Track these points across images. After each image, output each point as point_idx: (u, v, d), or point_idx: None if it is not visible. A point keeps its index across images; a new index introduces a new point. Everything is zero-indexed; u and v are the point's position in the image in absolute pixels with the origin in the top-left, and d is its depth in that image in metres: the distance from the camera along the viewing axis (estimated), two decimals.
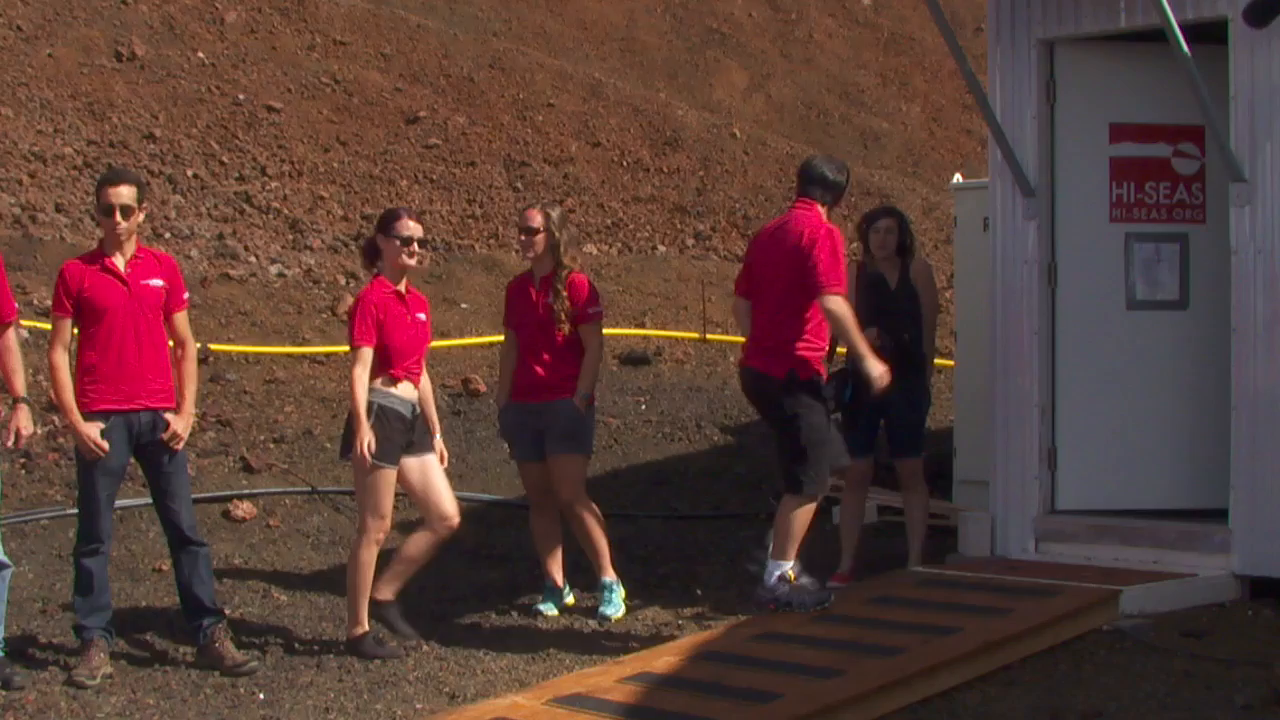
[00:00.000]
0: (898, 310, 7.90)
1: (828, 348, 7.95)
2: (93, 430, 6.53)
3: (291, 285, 13.03)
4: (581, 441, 7.56)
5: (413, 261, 7.00)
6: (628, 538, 9.06)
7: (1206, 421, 7.69)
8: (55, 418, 10.13)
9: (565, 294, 7.44)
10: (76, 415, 6.58)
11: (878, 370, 6.70)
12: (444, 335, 12.71)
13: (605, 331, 13.60)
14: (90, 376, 6.64)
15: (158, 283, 6.73)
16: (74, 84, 15.01)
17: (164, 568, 8.23)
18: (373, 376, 6.87)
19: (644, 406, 11.60)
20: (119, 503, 9.01)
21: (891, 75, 20.76)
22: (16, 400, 6.53)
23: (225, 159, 14.80)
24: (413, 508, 7.96)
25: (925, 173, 18.80)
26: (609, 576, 7.58)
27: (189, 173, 14.37)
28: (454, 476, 10.04)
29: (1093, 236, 7.89)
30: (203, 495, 9.22)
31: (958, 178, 10.33)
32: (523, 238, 7.60)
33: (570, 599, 7.72)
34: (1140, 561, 7.44)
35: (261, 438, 10.23)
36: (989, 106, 8.01)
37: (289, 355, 11.73)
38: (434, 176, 15.56)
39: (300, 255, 13.66)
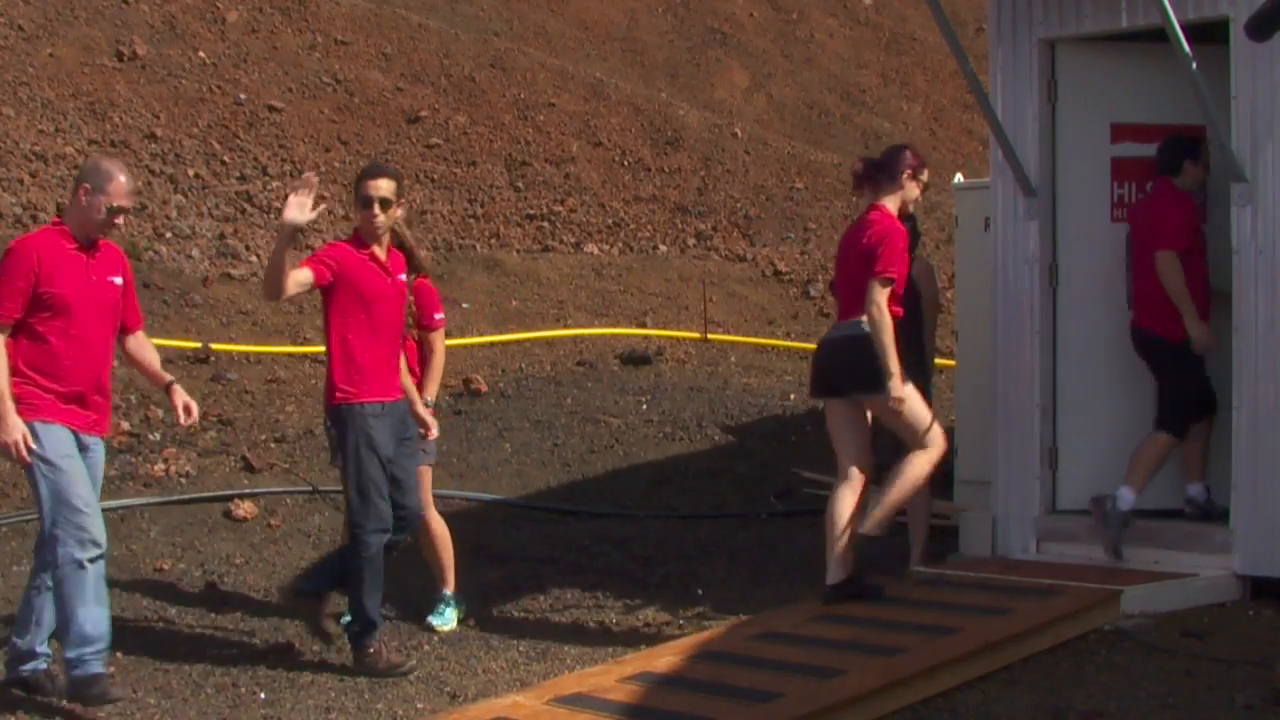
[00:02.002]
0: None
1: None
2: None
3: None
4: (431, 451, 7.44)
5: None
6: (628, 538, 9.06)
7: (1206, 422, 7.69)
8: None
9: (411, 298, 7.29)
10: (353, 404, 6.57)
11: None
12: (444, 335, 12.71)
13: (607, 331, 13.73)
14: (355, 366, 6.61)
15: (403, 277, 6.86)
16: (75, 83, 15.01)
17: (164, 567, 8.23)
18: None
19: (645, 406, 11.60)
20: (118, 503, 9.04)
21: (893, 75, 20.75)
22: (169, 384, 6.55)
23: (226, 158, 14.80)
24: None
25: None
26: (447, 590, 7.48)
27: (190, 172, 14.37)
28: (454, 476, 10.09)
29: (1094, 236, 7.88)
30: (204, 495, 9.23)
31: (959, 177, 10.32)
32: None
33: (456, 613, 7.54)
34: (1141, 561, 7.43)
35: (263, 437, 10.24)
36: (990, 106, 8.01)
37: (290, 355, 11.73)
38: (435, 176, 15.56)
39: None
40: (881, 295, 6.89)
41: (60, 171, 13.70)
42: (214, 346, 11.49)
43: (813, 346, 13.26)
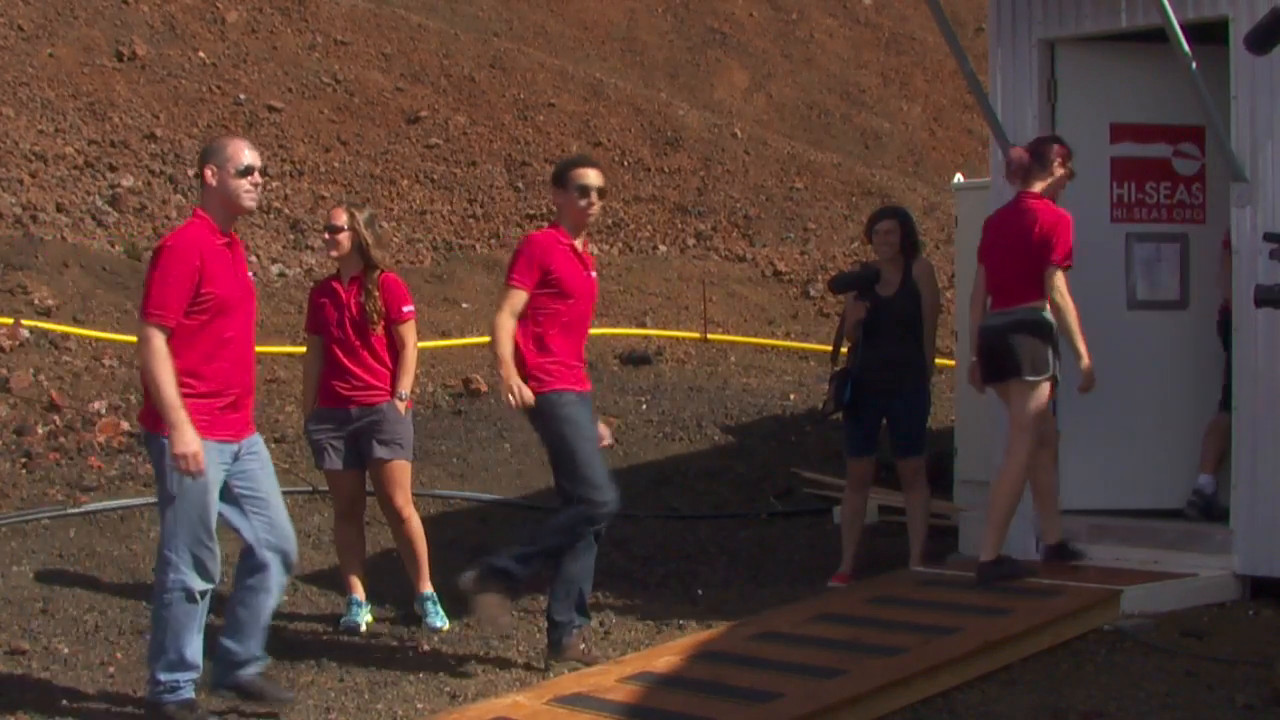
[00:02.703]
0: (898, 312, 7.90)
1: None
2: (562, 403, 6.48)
3: (292, 285, 13.03)
4: (408, 446, 7.43)
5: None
6: (628, 538, 9.05)
7: (1206, 422, 7.69)
8: (56, 417, 10.15)
9: (377, 294, 7.30)
10: (524, 388, 6.44)
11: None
12: (445, 335, 12.71)
13: (607, 331, 13.72)
14: (550, 355, 6.54)
15: (594, 274, 6.81)
16: (75, 83, 15.02)
17: None
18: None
19: (645, 406, 11.60)
20: (118, 503, 9.04)
21: (892, 75, 20.76)
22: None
23: None
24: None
25: (926, 172, 18.80)
26: (429, 589, 7.44)
27: (190, 172, 14.37)
28: (454, 476, 10.09)
29: (1093, 236, 7.87)
30: None
31: (959, 177, 10.32)
32: (326, 236, 7.36)
33: (370, 616, 7.49)
34: (1140, 561, 7.44)
35: (262, 437, 10.23)
36: (990, 106, 8.01)
37: (289, 355, 11.73)
38: (435, 176, 15.56)
39: (301, 255, 13.67)
40: (1064, 281, 7.11)
41: (60, 171, 13.71)
42: None
43: (813, 346, 13.32)
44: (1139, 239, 7.94)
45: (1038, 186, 7.32)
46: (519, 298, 6.52)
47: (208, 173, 5.85)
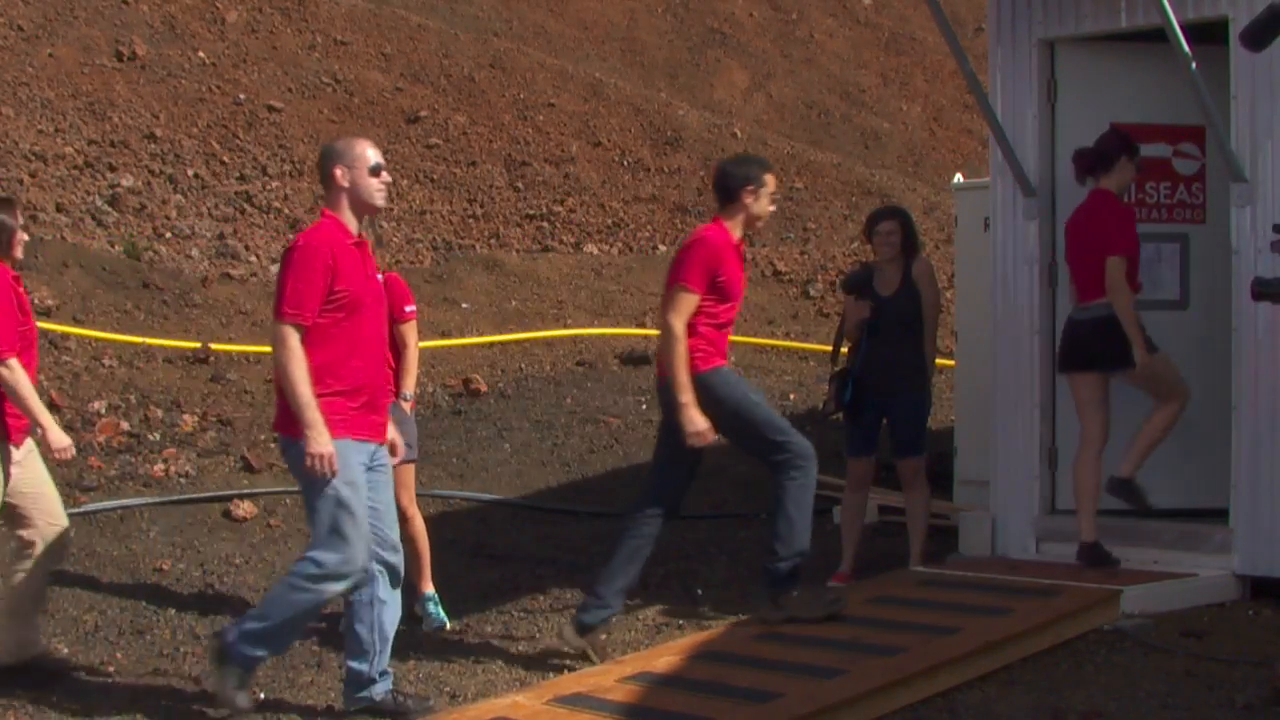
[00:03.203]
0: (897, 312, 7.90)
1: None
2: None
3: None
4: (414, 446, 7.42)
5: None
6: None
7: (1207, 421, 7.69)
8: (56, 417, 10.14)
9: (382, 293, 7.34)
10: (705, 423, 6.54)
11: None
12: (444, 335, 12.72)
13: (607, 331, 13.72)
14: (708, 341, 6.65)
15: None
16: (75, 83, 15.02)
17: (164, 567, 8.23)
18: None
19: (644, 406, 11.60)
20: (118, 503, 9.04)
21: (892, 75, 20.76)
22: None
23: (226, 158, 14.81)
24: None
25: (926, 172, 18.81)
26: (431, 589, 7.42)
27: (190, 172, 14.38)
28: (454, 476, 10.09)
29: None
30: (203, 495, 9.23)
31: (958, 177, 10.33)
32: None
33: None
34: (1140, 561, 7.44)
35: (262, 437, 10.23)
36: (990, 106, 8.01)
37: None
38: (434, 176, 15.56)
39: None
40: (1119, 271, 7.25)
41: (60, 171, 13.71)
42: (213, 346, 11.49)
43: (812, 346, 13.32)
44: (1139, 239, 7.93)
45: (1105, 183, 7.43)
46: (691, 303, 6.52)
47: (338, 173, 5.82)
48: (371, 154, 5.85)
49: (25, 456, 6.46)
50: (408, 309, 7.36)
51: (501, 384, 11.84)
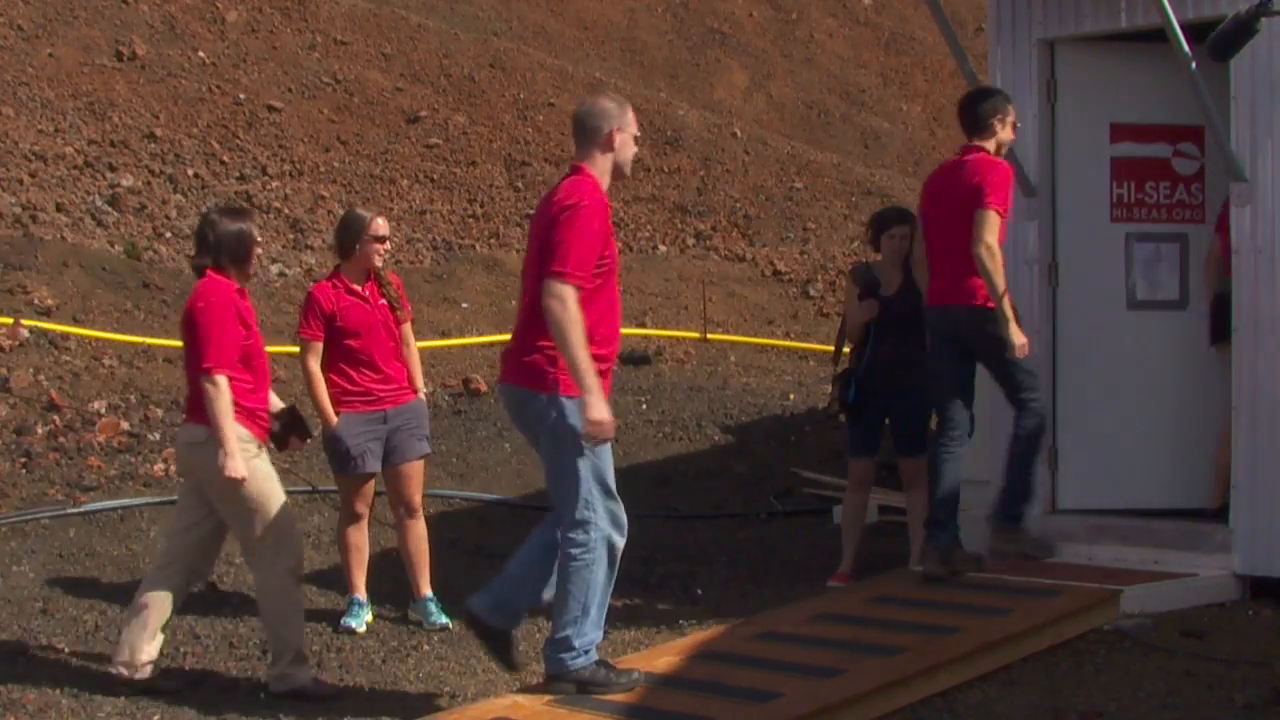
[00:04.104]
0: (899, 311, 7.90)
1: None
2: None
3: (292, 285, 13.03)
4: (429, 439, 7.50)
5: None
6: (628, 537, 9.05)
7: (1207, 421, 7.69)
8: (56, 417, 10.16)
9: (395, 293, 7.34)
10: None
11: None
12: (444, 335, 12.72)
13: None
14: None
15: None
16: (75, 83, 15.02)
17: None
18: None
19: (644, 406, 11.60)
20: (118, 503, 9.04)
21: (892, 75, 20.77)
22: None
23: (226, 158, 14.81)
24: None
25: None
26: (429, 591, 7.42)
27: (190, 172, 14.38)
28: (454, 476, 10.09)
29: (1093, 236, 7.88)
30: None
31: None
32: (379, 246, 7.29)
33: (369, 616, 7.45)
34: (1140, 561, 7.43)
35: None
36: None
37: (290, 355, 11.73)
38: (434, 176, 15.56)
39: (301, 255, 13.67)
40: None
41: (60, 171, 13.71)
42: None
43: (813, 346, 13.32)
44: (1139, 239, 7.94)
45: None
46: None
47: (614, 136, 5.89)
48: (635, 125, 6.03)
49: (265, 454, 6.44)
50: (409, 308, 7.47)
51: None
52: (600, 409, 5.51)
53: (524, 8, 19.69)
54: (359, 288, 7.29)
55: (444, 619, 7.33)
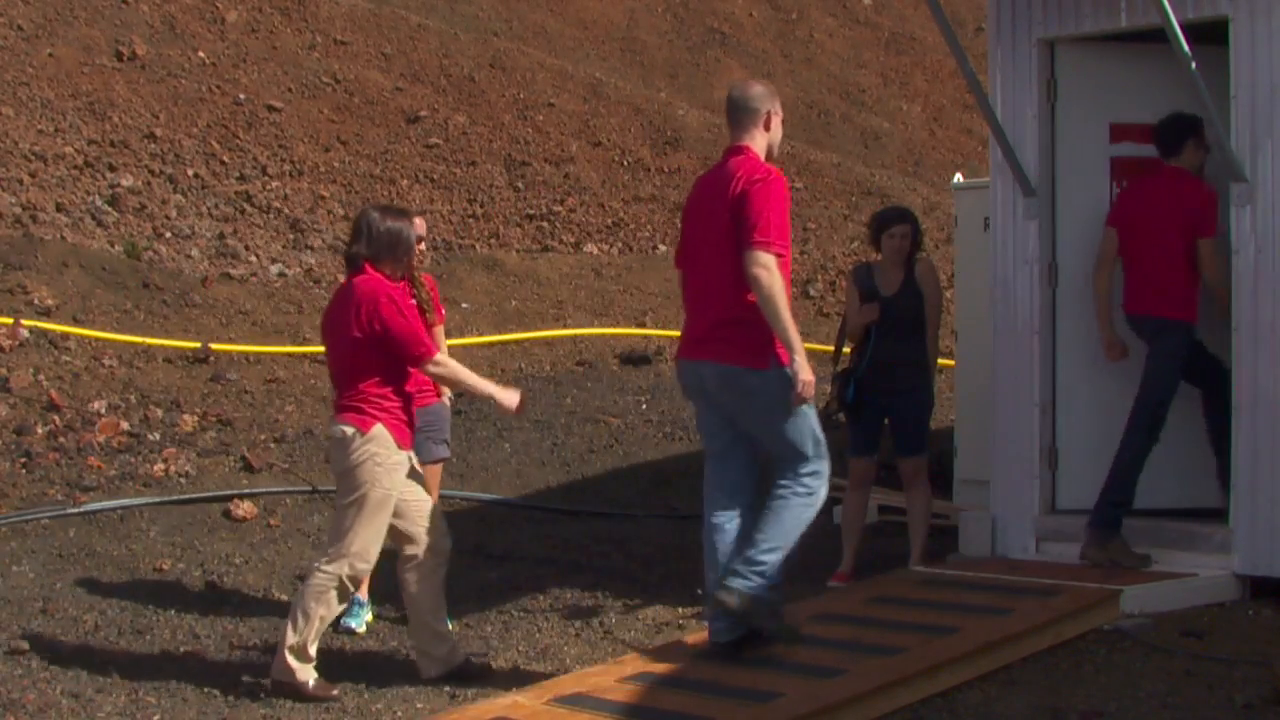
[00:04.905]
0: (901, 313, 7.90)
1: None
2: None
3: (292, 285, 13.04)
4: (449, 443, 7.54)
5: None
6: (628, 538, 9.06)
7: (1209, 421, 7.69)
8: (56, 417, 10.16)
9: (427, 294, 7.36)
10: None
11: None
12: (444, 335, 12.71)
13: (607, 331, 13.72)
14: None
15: None
16: (75, 83, 15.02)
17: (164, 567, 8.24)
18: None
19: (644, 406, 11.60)
20: (118, 503, 9.04)
21: (892, 75, 20.76)
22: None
23: (226, 158, 14.81)
24: None
25: (926, 172, 18.80)
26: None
27: (190, 172, 14.38)
28: (454, 476, 10.09)
29: (1094, 236, 7.88)
30: (203, 495, 9.24)
31: (958, 177, 10.32)
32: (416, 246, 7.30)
33: (369, 616, 7.47)
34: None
35: (262, 437, 10.24)
36: (989, 106, 8.01)
37: (290, 355, 11.74)
38: (434, 176, 15.56)
39: (301, 255, 13.67)
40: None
41: (60, 171, 13.71)
42: (214, 346, 11.49)
43: (813, 346, 13.29)
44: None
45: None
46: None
47: (771, 117, 6.21)
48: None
49: (406, 464, 6.47)
50: (442, 310, 7.57)
51: (501, 384, 11.83)
52: (807, 369, 5.94)
53: (524, 8, 19.69)
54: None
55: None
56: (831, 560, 8.12)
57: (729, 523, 6.42)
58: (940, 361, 9.97)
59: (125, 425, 10.12)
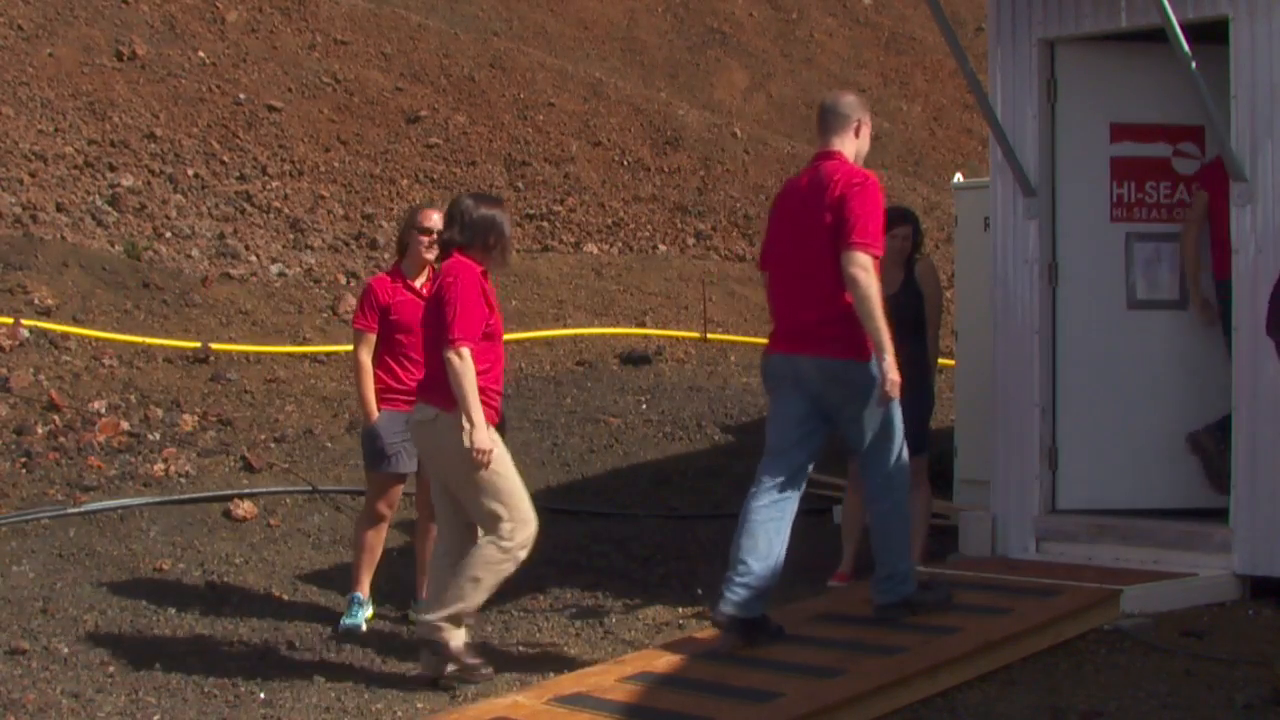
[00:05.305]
0: (901, 313, 7.89)
1: None
2: None
3: (292, 285, 13.03)
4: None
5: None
6: (628, 537, 9.06)
7: (1206, 421, 7.69)
8: (56, 416, 10.16)
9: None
10: None
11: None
12: None
13: (607, 331, 13.72)
14: None
15: None
16: (75, 83, 15.02)
17: (164, 567, 8.24)
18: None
19: (644, 406, 11.60)
20: (117, 503, 9.04)
21: (892, 75, 20.77)
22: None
23: (226, 158, 14.81)
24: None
25: (926, 172, 18.81)
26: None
27: (190, 172, 14.38)
28: None
29: (1093, 236, 7.88)
30: (203, 495, 9.23)
31: (958, 177, 10.32)
32: (423, 238, 7.25)
33: (369, 612, 7.45)
34: (1140, 561, 7.44)
35: (262, 437, 10.24)
36: (990, 106, 8.01)
37: (290, 355, 11.74)
38: (434, 176, 15.56)
39: (301, 255, 13.67)
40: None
41: (60, 171, 13.71)
42: (213, 346, 11.49)
43: None
44: (1139, 238, 7.94)
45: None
46: None
47: (863, 127, 6.55)
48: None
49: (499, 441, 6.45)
50: None
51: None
52: (894, 368, 6.23)
53: (524, 8, 19.69)
54: (416, 284, 7.27)
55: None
56: (831, 560, 8.12)
57: (768, 510, 6.58)
58: (940, 361, 9.98)
59: (125, 425, 10.12)
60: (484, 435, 6.20)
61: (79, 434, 9.94)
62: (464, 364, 6.20)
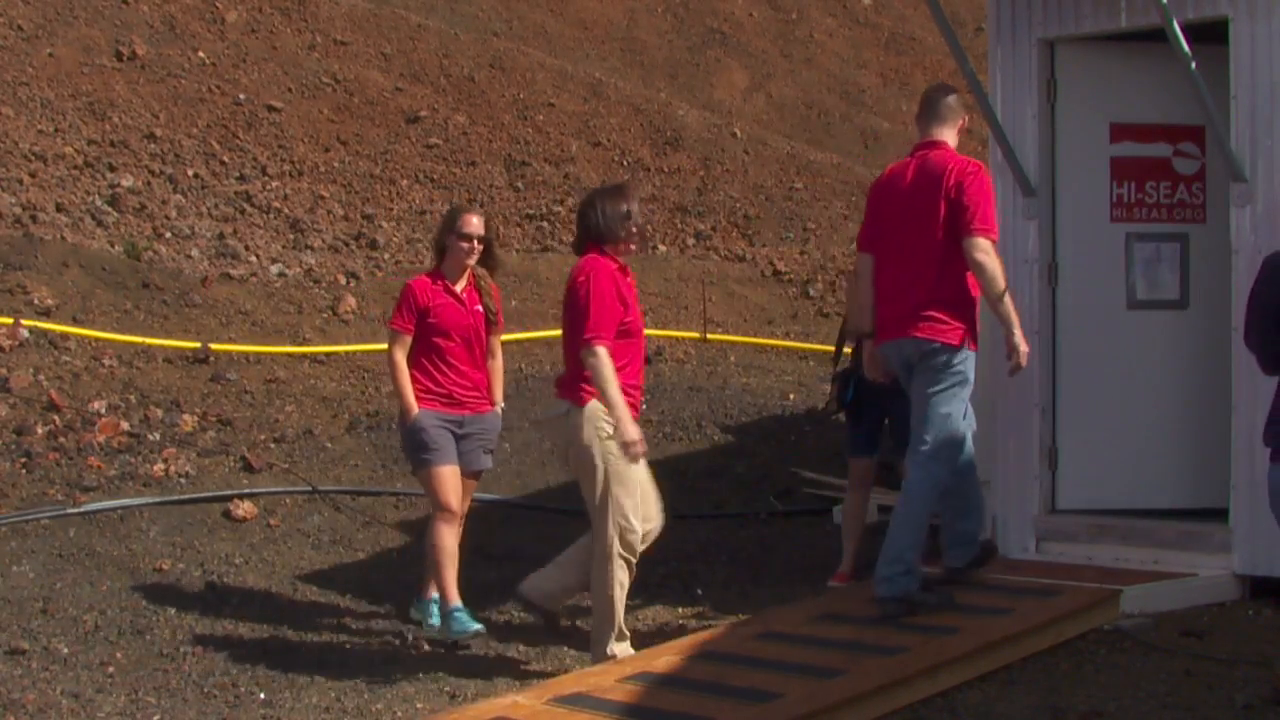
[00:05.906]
0: None
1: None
2: None
3: (292, 285, 13.03)
4: (493, 453, 7.52)
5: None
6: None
7: (1206, 421, 7.69)
8: (56, 417, 10.16)
9: (492, 302, 7.35)
10: None
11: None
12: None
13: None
14: None
15: None
16: (75, 83, 15.01)
17: (164, 567, 8.24)
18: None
19: (645, 406, 11.59)
20: (117, 503, 9.04)
21: (892, 75, 20.75)
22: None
23: (226, 158, 14.80)
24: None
25: None
26: (436, 594, 7.29)
27: (189, 172, 14.37)
28: None
29: (1093, 236, 7.89)
30: (203, 495, 9.23)
31: None
32: (464, 244, 7.23)
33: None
34: (1140, 561, 7.44)
35: (262, 437, 10.24)
36: (989, 106, 8.01)
37: (289, 355, 11.74)
38: (434, 176, 15.56)
39: (301, 255, 13.67)
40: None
41: (60, 171, 13.71)
42: (213, 346, 11.48)
43: (812, 346, 13.31)
44: (1139, 238, 7.94)
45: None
46: None
47: (963, 125, 6.89)
48: None
49: None
50: (501, 317, 7.52)
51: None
52: (1026, 341, 6.63)
53: (524, 8, 19.68)
54: (456, 288, 7.26)
55: (436, 622, 7.32)
56: (831, 560, 8.12)
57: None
58: None
59: (125, 425, 10.11)
60: (631, 428, 6.35)
61: (79, 434, 9.93)
62: (599, 361, 6.29)
